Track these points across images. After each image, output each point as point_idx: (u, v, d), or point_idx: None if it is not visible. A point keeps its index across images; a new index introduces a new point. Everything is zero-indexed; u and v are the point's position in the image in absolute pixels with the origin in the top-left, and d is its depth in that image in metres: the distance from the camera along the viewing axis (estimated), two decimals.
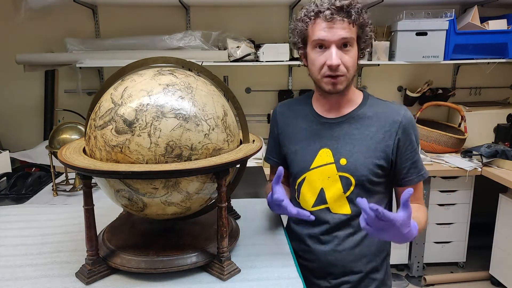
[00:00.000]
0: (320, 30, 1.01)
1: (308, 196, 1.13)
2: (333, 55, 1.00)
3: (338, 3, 0.99)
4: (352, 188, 1.08)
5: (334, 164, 1.08)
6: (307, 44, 1.07)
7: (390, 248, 1.21)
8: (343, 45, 1.01)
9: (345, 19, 0.99)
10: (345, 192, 1.09)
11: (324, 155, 1.10)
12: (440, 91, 2.89)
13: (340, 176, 1.08)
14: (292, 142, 1.17)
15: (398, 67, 2.94)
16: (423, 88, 2.87)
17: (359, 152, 1.07)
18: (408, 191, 0.80)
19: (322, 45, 1.02)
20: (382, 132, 1.07)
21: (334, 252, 1.12)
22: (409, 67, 2.94)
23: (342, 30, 0.99)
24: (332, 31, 1.00)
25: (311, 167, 1.11)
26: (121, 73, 0.98)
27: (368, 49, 1.10)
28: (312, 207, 1.13)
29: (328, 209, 1.11)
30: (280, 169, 0.98)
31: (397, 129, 1.06)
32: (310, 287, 1.15)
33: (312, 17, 1.03)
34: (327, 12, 0.99)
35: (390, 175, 1.11)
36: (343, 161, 1.08)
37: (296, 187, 1.17)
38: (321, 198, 1.11)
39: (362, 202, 0.83)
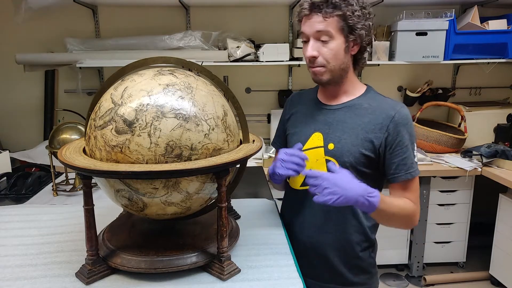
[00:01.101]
0: (303, 25, 1.10)
1: (297, 176, 1.16)
2: (308, 48, 1.09)
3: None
4: None
5: (323, 148, 1.14)
6: None
7: (374, 239, 1.22)
8: (321, 37, 1.06)
9: (319, 13, 1.05)
10: None
11: (316, 139, 1.16)
12: (440, 91, 2.89)
13: (326, 160, 1.13)
14: (293, 125, 1.25)
15: (398, 67, 2.93)
16: (423, 88, 2.87)
17: (348, 139, 1.11)
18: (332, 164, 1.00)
19: (305, 40, 1.11)
20: (374, 124, 1.10)
21: (314, 235, 1.16)
22: (409, 67, 2.94)
23: (318, 23, 1.06)
24: (309, 25, 1.08)
25: (302, 149, 1.15)
26: (121, 73, 0.98)
27: (365, 41, 1.09)
28: (300, 186, 1.19)
29: None
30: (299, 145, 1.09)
31: (388, 123, 1.09)
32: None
33: (300, 14, 1.12)
34: (305, 8, 1.08)
35: (379, 170, 1.13)
36: (331, 146, 1.13)
37: None
38: None
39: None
